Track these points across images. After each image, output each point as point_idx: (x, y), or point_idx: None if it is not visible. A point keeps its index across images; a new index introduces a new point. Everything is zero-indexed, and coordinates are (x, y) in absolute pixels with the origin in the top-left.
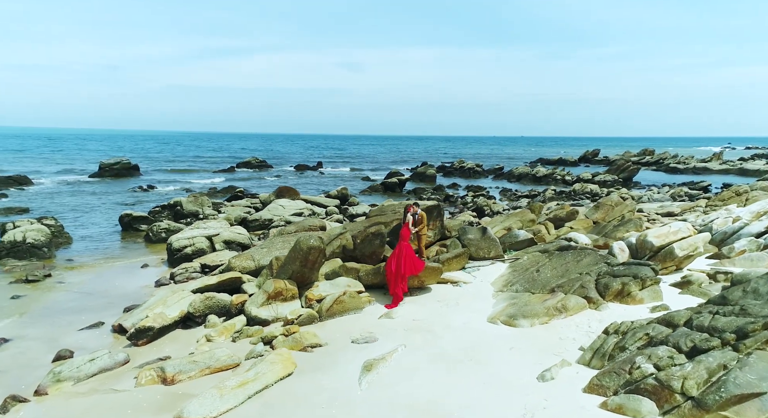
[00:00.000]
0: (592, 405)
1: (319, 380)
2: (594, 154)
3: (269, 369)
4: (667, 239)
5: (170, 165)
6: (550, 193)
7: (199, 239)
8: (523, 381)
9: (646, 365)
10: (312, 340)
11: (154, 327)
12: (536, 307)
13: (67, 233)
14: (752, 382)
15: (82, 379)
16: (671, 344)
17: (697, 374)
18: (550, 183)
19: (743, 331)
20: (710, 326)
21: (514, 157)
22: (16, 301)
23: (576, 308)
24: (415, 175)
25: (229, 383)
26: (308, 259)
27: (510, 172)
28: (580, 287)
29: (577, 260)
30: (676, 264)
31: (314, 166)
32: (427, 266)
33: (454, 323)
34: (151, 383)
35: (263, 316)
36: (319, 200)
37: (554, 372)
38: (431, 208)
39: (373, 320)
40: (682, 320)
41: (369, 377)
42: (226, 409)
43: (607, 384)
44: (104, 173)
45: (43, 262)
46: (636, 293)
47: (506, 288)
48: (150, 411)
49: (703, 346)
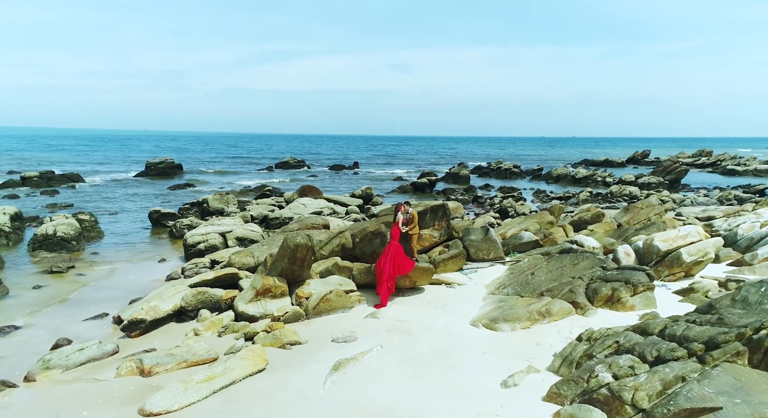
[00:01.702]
0: (547, 414)
1: (287, 377)
2: (644, 155)
3: (238, 365)
4: (675, 243)
5: (214, 165)
6: (585, 195)
7: (212, 235)
8: (486, 387)
9: (603, 375)
10: (292, 337)
11: (146, 319)
12: (519, 311)
13: (99, 227)
14: (707, 396)
15: (70, 367)
16: (637, 353)
17: (650, 386)
18: (589, 185)
19: (714, 342)
20: (682, 335)
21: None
22: (36, 290)
23: (561, 313)
24: (449, 175)
25: (196, 376)
26: (296, 256)
27: (548, 173)
28: (568, 292)
29: (573, 264)
30: (684, 270)
31: (351, 166)
32: (417, 267)
33: (437, 325)
34: (130, 375)
35: (251, 312)
36: (342, 200)
37: (517, 379)
38: (436, 208)
39: (358, 320)
40: (657, 328)
41: (334, 377)
42: (188, 402)
43: (565, 393)
44: (150, 172)
45: (71, 254)
46: (626, 300)
47: (498, 291)
48: (119, 402)
49: (668, 356)
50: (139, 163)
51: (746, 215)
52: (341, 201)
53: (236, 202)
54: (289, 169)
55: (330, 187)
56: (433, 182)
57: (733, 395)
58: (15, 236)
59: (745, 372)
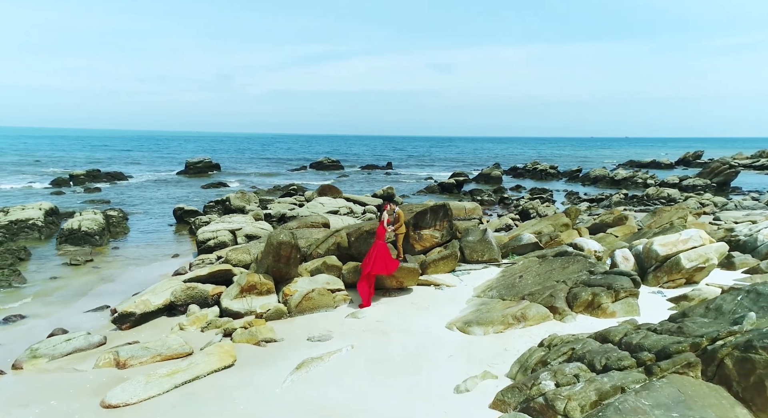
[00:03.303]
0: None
1: (251, 375)
2: (696, 156)
3: (204, 361)
4: (675, 248)
5: (250, 164)
6: (618, 197)
7: (222, 232)
8: (439, 392)
9: (546, 383)
10: (267, 335)
11: (136, 313)
12: (494, 315)
13: (125, 223)
14: (641, 408)
15: (57, 357)
16: (587, 361)
17: (584, 396)
18: (629, 187)
19: (665, 352)
20: (637, 344)
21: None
22: (52, 281)
23: (536, 317)
24: (480, 176)
25: (160, 370)
26: (280, 254)
27: (586, 175)
28: (548, 296)
29: (563, 267)
30: (685, 276)
31: (384, 166)
32: (403, 267)
33: (414, 327)
34: (107, 366)
35: (235, 308)
36: (361, 199)
37: (470, 384)
38: (436, 208)
39: (339, 319)
40: (617, 336)
41: (295, 376)
42: (147, 396)
43: (509, 400)
44: (189, 171)
45: (93, 248)
46: (607, 306)
47: (484, 293)
48: (88, 392)
49: (614, 365)
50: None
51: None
52: (360, 200)
53: (258, 200)
54: (322, 169)
55: (358, 187)
56: (461, 183)
57: (672, 408)
58: (47, 230)
59: (694, 385)
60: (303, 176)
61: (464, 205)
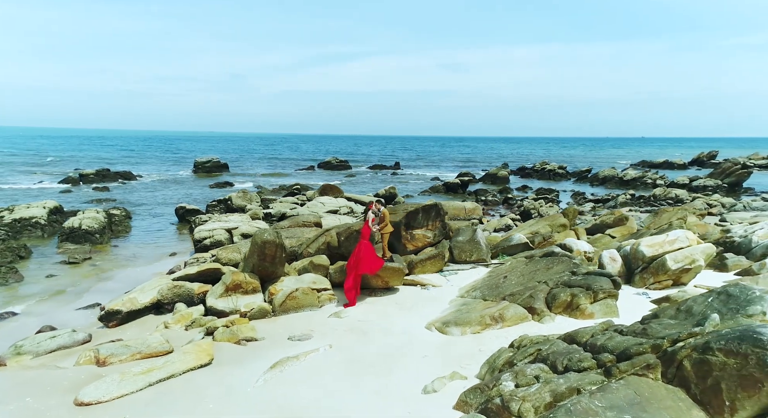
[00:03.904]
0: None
1: (226, 374)
2: (710, 156)
3: (180, 359)
4: (661, 249)
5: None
6: (624, 198)
7: (218, 231)
8: (408, 392)
9: (506, 383)
10: (248, 334)
11: (122, 311)
12: (472, 315)
13: (127, 222)
14: (593, 410)
15: (41, 354)
16: (549, 362)
17: (538, 397)
18: (638, 187)
19: (626, 353)
20: (601, 345)
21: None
22: (48, 279)
23: (514, 318)
24: (487, 176)
25: (135, 368)
26: (265, 253)
27: (594, 175)
28: (528, 297)
29: (547, 268)
30: (672, 278)
31: (391, 166)
32: (387, 267)
33: (394, 327)
34: (88, 364)
35: (220, 307)
36: (362, 199)
37: (438, 385)
38: (428, 208)
39: (322, 319)
40: (585, 337)
41: (268, 375)
42: (120, 394)
43: (471, 401)
44: (198, 170)
45: (93, 247)
46: (585, 307)
47: (467, 294)
48: (64, 390)
49: (574, 366)
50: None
51: (766, 220)
52: (361, 200)
53: (259, 200)
54: (330, 169)
55: (364, 187)
56: (466, 183)
57: (625, 410)
58: (50, 228)
59: (652, 386)
60: (310, 176)
61: (464, 205)
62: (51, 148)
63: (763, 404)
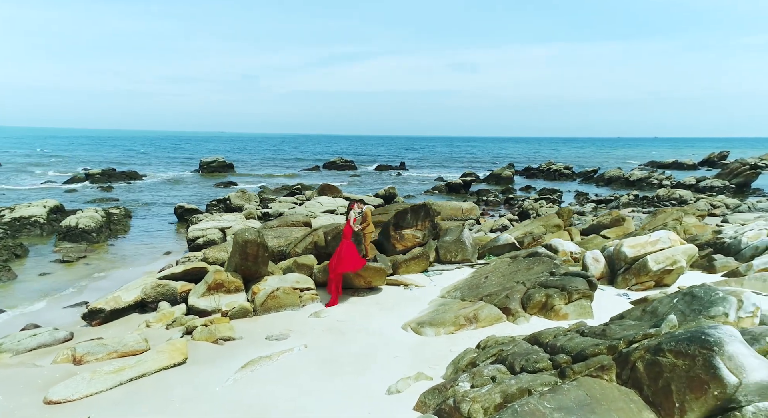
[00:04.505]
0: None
1: (198, 373)
2: (721, 156)
3: (153, 358)
4: (643, 249)
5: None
6: (627, 198)
7: (212, 230)
8: (372, 392)
9: (463, 384)
10: (226, 333)
11: (105, 309)
12: (446, 316)
13: (126, 221)
14: (540, 411)
15: (21, 352)
16: (508, 362)
17: (488, 398)
18: (644, 188)
19: (582, 354)
20: (561, 346)
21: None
22: (41, 277)
23: (488, 319)
24: (491, 176)
25: (106, 367)
26: (246, 252)
27: (601, 175)
28: (504, 298)
29: (528, 268)
30: (654, 279)
31: (396, 166)
32: (369, 267)
33: (371, 327)
34: (65, 362)
35: (202, 306)
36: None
37: (402, 386)
38: (417, 208)
39: (302, 318)
40: (547, 338)
41: (239, 374)
42: (89, 392)
43: (429, 402)
44: (203, 170)
45: (89, 246)
46: (560, 308)
47: (448, 294)
48: (37, 388)
49: (530, 367)
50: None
51: (756, 222)
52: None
53: (258, 199)
54: (335, 169)
55: (367, 187)
56: (468, 183)
57: (573, 411)
58: (49, 227)
59: (605, 388)
60: (314, 176)
61: (461, 205)
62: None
63: (709, 405)
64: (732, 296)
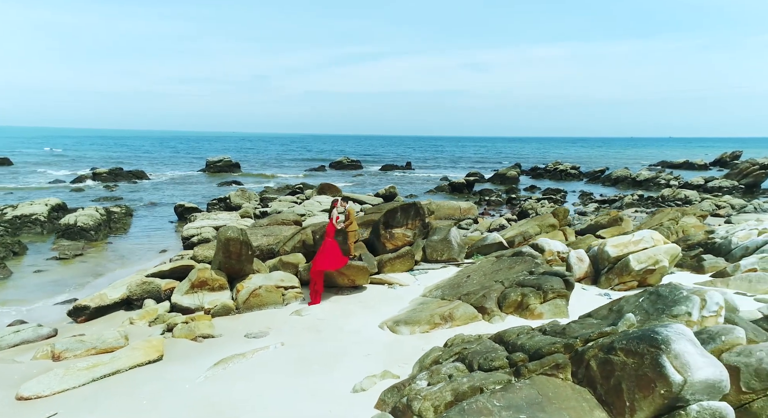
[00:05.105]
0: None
1: (171, 370)
2: (734, 156)
3: (127, 355)
4: (626, 249)
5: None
6: (631, 198)
7: (206, 229)
8: (338, 391)
9: (420, 382)
10: (205, 330)
11: (90, 306)
12: (422, 314)
13: (126, 219)
14: (488, 409)
15: (3, 348)
16: (467, 361)
17: (439, 397)
18: (651, 188)
19: (539, 353)
20: (521, 344)
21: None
22: (35, 274)
23: (464, 318)
24: (496, 176)
25: (80, 363)
26: (229, 250)
27: (608, 176)
28: (481, 296)
29: (509, 267)
30: (636, 279)
31: (402, 166)
32: (352, 265)
33: (349, 325)
34: (44, 358)
35: (185, 303)
36: (361, 198)
37: (367, 384)
38: (407, 206)
39: (284, 316)
40: (511, 337)
41: (210, 372)
42: (60, 389)
43: (388, 400)
44: (209, 169)
45: (88, 243)
46: (535, 307)
47: (430, 293)
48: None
49: (486, 365)
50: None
51: (748, 222)
52: (359, 199)
53: (258, 198)
54: (341, 169)
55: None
56: (471, 183)
57: (522, 410)
58: (50, 225)
59: (558, 386)
60: (320, 176)
61: (459, 204)
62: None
63: (657, 404)
64: (695, 295)
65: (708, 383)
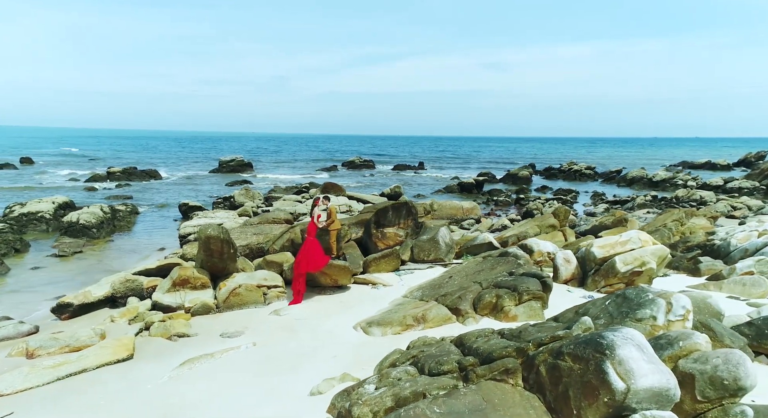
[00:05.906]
0: None
1: (138, 369)
2: (759, 156)
3: (96, 353)
4: (613, 250)
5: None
6: (643, 199)
7: None
8: (296, 393)
9: (368, 387)
10: (180, 329)
11: (74, 304)
12: (395, 316)
13: (131, 217)
14: (428, 415)
15: None
16: (420, 364)
17: (378, 402)
18: (668, 188)
19: (490, 357)
20: (476, 348)
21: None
22: (32, 271)
23: (437, 319)
24: (508, 176)
25: (46, 362)
26: (210, 248)
27: (623, 176)
28: (457, 298)
29: (491, 268)
30: (623, 281)
31: (415, 166)
32: (333, 264)
33: (324, 326)
34: (19, 356)
35: (166, 302)
36: (365, 197)
37: (325, 386)
38: (399, 206)
39: (263, 316)
40: (470, 340)
41: (175, 372)
42: (23, 387)
43: (338, 405)
44: (222, 169)
45: (89, 241)
46: (509, 309)
47: (411, 294)
48: None
49: (435, 369)
50: None
51: (748, 223)
52: (363, 199)
53: (262, 197)
54: (353, 168)
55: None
56: (481, 183)
57: (463, 416)
58: (55, 223)
59: (506, 392)
60: (331, 175)
61: (462, 204)
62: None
63: (602, 413)
64: (661, 299)
65: (653, 390)
